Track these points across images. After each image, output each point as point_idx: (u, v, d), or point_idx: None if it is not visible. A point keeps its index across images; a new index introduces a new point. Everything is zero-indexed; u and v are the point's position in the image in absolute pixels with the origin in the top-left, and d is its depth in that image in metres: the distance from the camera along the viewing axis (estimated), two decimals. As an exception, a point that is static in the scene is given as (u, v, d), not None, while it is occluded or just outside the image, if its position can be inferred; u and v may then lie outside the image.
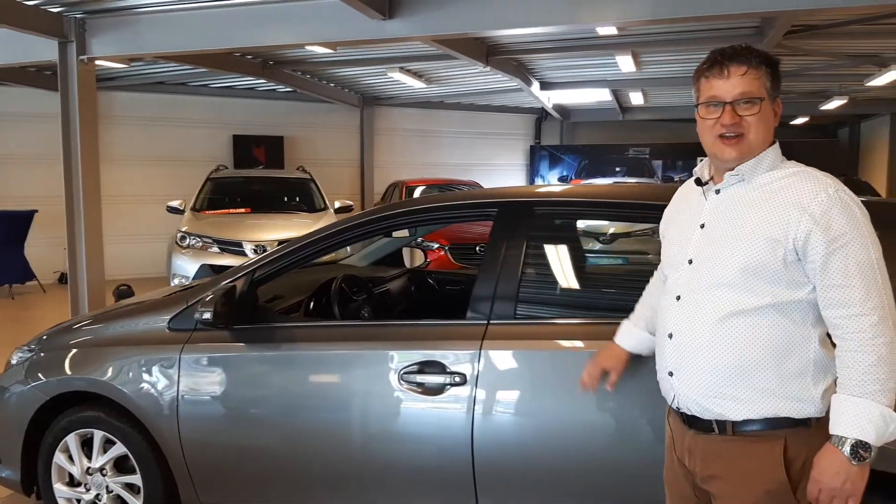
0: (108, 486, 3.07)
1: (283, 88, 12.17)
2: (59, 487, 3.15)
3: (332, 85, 12.56)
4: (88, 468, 3.08)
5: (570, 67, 11.03)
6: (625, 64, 9.78)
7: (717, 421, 1.75)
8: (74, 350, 3.13)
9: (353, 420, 2.68)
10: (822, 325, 1.71)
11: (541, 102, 13.27)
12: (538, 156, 16.40)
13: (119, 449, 3.00)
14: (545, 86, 12.24)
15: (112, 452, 3.02)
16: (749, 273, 1.69)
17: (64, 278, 9.55)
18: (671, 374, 1.83)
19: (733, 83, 1.72)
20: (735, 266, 1.70)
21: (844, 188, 1.68)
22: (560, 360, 2.48)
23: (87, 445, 3.09)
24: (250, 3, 6.67)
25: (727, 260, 1.72)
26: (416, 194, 11.42)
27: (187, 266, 7.68)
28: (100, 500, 3.09)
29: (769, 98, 1.74)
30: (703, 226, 1.81)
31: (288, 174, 10.67)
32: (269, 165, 12.50)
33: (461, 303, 2.66)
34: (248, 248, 7.90)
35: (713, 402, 1.74)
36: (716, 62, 1.75)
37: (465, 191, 6.85)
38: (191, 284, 3.64)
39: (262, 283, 2.95)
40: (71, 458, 3.10)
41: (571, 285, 3.05)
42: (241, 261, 6.09)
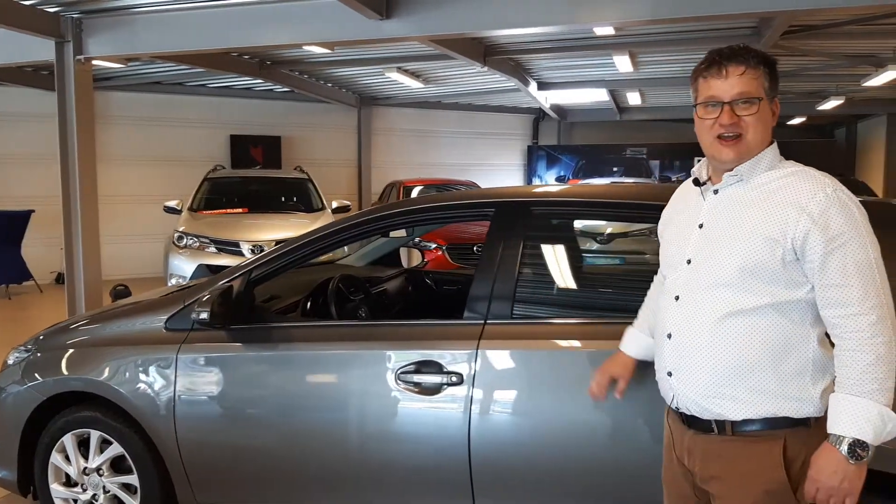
0: (104, 487, 3.06)
1: (280, 88, 12.16)
2: (55, 488, 3.14)
3: (329, 85, 12.55)
4: (85, 468, 3.08)
5: (568, 67, 11.04)
6: (622, 64, 9.79)
7: (716, 421, 1.75)
8: (71, 350, 3.13)
9: (350, 420, 2.68)
10: (821, 324, 1.71)
11: (538, 102, 13.29)
12: (536, 156, 16.40)
13: (116, 449, 3.00)
14: (543, 86, 12.25)
15: (109, 453, 3.02)
16: (747, 273, 1.69)
17: (61, 278, 9.54)
18: (670, 375, 1.83)
19: (731, 83, 1.72)
20: (733, 266, 1.70)
21: (843, 188, 1.68)
22: (556, 360, 2.48)
23: (83, 446, 3.08)
24: (247, 2, 6.66)
25: (726, 260, 1.72)
26: (414, 194, 11.41)
27: (184, 266, 7.67)
28: (96, 501, 3.09)
29: (767, 98, 1.74)
30: (701, 226, 1.81)
31: (285, 174, 10.65)
32: (266, 165, 12.49)
33: (458, 303, 2.67)
34: (245, 248, 7.89)
35: (712, 402, 1.74)
36: (714, 62, 1.75)
37: (462, 191, 6.85)
38: (188, 284, 3.63)
39: (258, 283, 2.95)
40: (67, 458, 3.09)
41: (568, 285, 3.06)
42: (239, 261, 6.09)
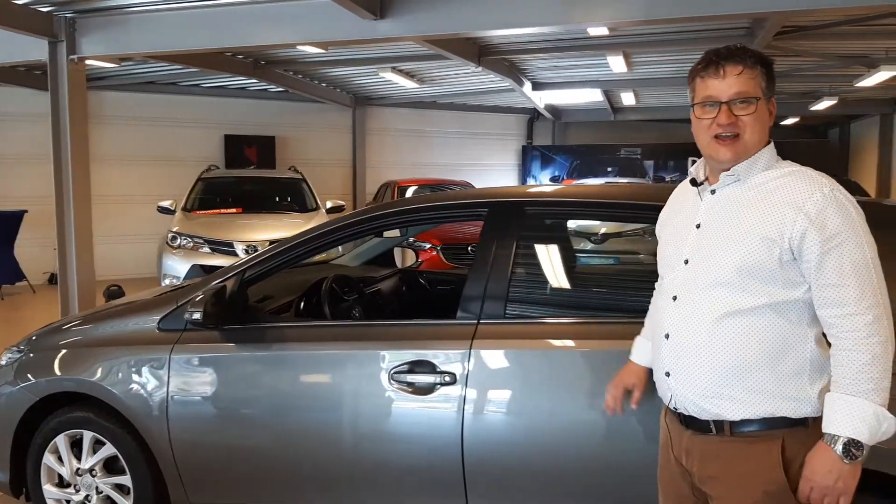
0: (97, 487, 3.05)
1: (274, 88, 12.14)
2: (48, 489, 3.13)
3: (323, 85, 12.54)
4: (78, 469, 3.06)
5: (562, 68, 11.06)
6: (616, 64, 9.81)
7: (714, 421, 1.75)
8: (64, 351, 3.12)
9: (344, 420, 2.68)
10: (819, 324, 1.71)
11: (533, 103, 13.30)
12: (530, 156, 16.42)
13: (109, 450, 2.99)
14: (537, 86, 12.26)
15: (102, 453, 3.01)
16: (745, 273, 1.69)
17: (54, 279, 9.50)
18: (668, 375, 1.83)
19: (729, 83, 1.72)
20: (731, 266, 1.70)
21: (840, 188, 1.69)
22: (549, 360, 2.48)
23: (76, 446, 3.07)
24: (241, 2, 6.65)
25: (723, 260, 1.72)
26: (409, 194, 11.41)
27: (178, 266, 7.65)
28: (89, 501, 3.08)
29: (765, 98, 1.74)
30: (698, 226, 1.82)
31: (279, 174, 10.64)
32: (260, 165, 12.47)
33: (452, 303, 2.67)
34: (239, 248, 7.88)
35: (710, 402, 1.74)
36: (711, 62, 1.75)
37: (455, 191, 6.85)
38: (181, 285, 3.62)
39: (252, 283, 2.95)
40: (60, 459, 3.08)
41: (561, 285, 3.06)
42: (233, 261, 6.08)
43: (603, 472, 2.37)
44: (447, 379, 2.48)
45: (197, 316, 2.69)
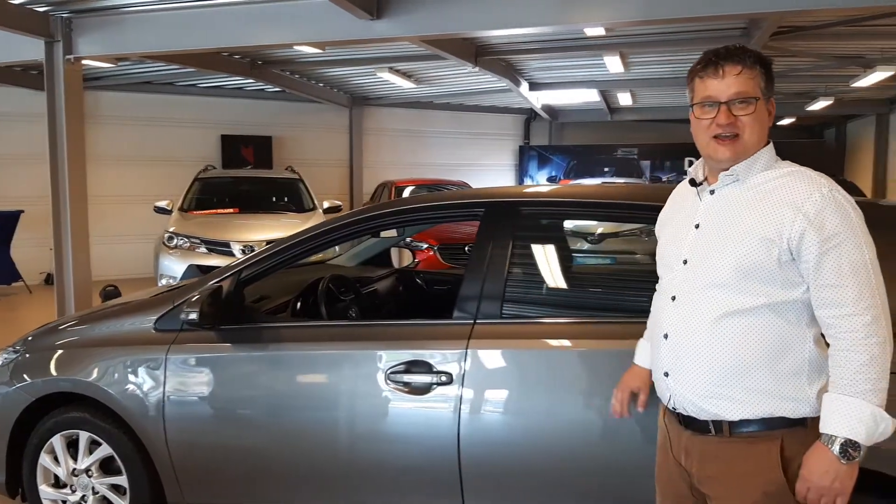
0: (93, 488, 3.05)
1: (271, 88, 12.13)
2: (44, 489, 3.13)
3: (320, 85, 12.53)
4: (74, 469, 3.06)
5: (559, 68, 11.06)
6: (613, 65, 9.82)
7: (713, 422, 1.75)
8: (60, 351, 3.11)
9: (340, 420, 2.68)
10: (817, 325, 1.71)
11: (529, 103, 13.31)
12: (527, 156, 16.43)
13: (105, 450, 2.99)
14: (534, 86, 12.27)
15: (98, 453, 3.01)
16: (743, 273, 1.69)
17: (50, 279, 9.50)
18: (667, 375, 1.84)
19: (728, 83, 1.72)
20: (730, 266, 1.71)
21: (838, 188, 1.69)
22: (546, 359, 2.49)
23: (72, 447, 3.07)
24: (237, 2, 6.65)
25: (722, 260, 1.72)
26: (406, 194, 11.41)
27: (175, 266, 7.64)
28: (85, 502, 3.07)
29: (764, 98, 1.74)
30: (697, 226, 1.82)
31: (276, 174, 10.63)
32: (257, 165, 12.45)
33: (449, 303, 2.67)
34: (235, 248, 7.87)
35: (709, 402, 1.75)
36: (710, 62, 1.75)
37: (452, 191, 6.85)
38: (178, 285, 3.62)
39: (248, 284, 2.94)
40: (56, 459, 3.08)
41: (558, 285, 3.06)
42: (229, 261, 6.07)
43: (600, 472, 2.37)
44: (444, 379, 2.48)
45: (193, 316, 2.69)
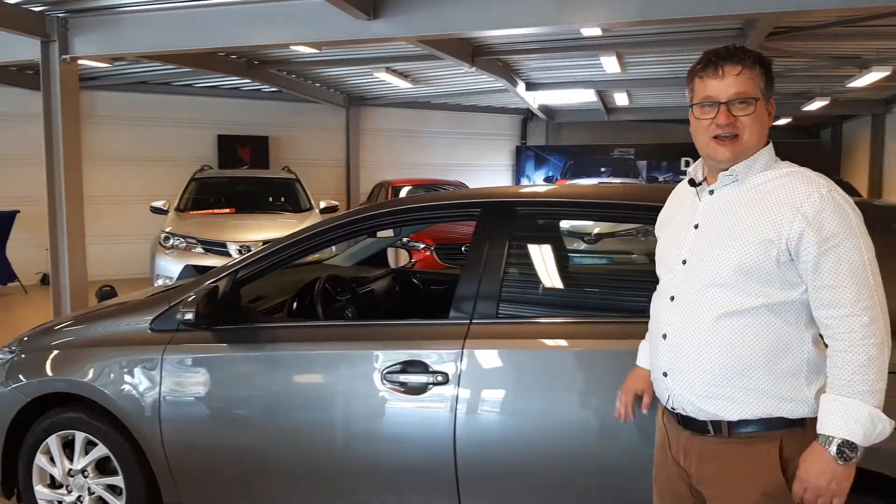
0: (89, 488, 3.04)
1: (268, 88, 12.12)
2: (40, 490, 3.12)
3: (317, 85, 12.53)
4: (70, 470, 3.06)
5: (556, 68, 11.07)
6: (609, 65, 9.83)
7: (712, 422, 1.75)
8: (56, 351, 3.11)
9: (337, 420, 2.68)
10: (816, 325, 1.71)
11: (526, 103, 13.32)
12: (524, 156, 16.45)
13: (101, 450, 2.98)
14: (531, 86, 12.28)
15: (94, 454, 3.00)
16: (742, 273, 1.69)
17: (46, 279, 9.48)
18: (665, 375, 1.84)
19: (728, 83, 1.72)
20: (728, 266, 1.71)
21: (837, 189, 1.69)
22: (542, 359, 2.49)
23: (68, 447, 3.06)
24: (234, 2, 6.64)
25: (721, 260, 1.72)
26: (402, 195, 11.41)
27: (171, 267, 7.64)
28: (81, 502, 3.07)
29: (763, 98, 1.74)
30: (696, 226, 1.82)
31: (273, 174, 10.62)
32: (254, 165, 12.44)
33: (445, 303, 2.67)
34: (232, 248, 7.86)
35: (708, 402, 1.74)
36: (710, 62, 1.75)
37: (449, 191, 6.85)
38: (174, 285, 3.62)
39: (245, 284, 2.94)
40: (52, 459, 3.07)
41: (554, 285, 3.06)
42: (226, 261, 6.07)
43: (596, 472, 2.37)
44: (440, 379, 2.49)
45: (189, 316, 2.69)
